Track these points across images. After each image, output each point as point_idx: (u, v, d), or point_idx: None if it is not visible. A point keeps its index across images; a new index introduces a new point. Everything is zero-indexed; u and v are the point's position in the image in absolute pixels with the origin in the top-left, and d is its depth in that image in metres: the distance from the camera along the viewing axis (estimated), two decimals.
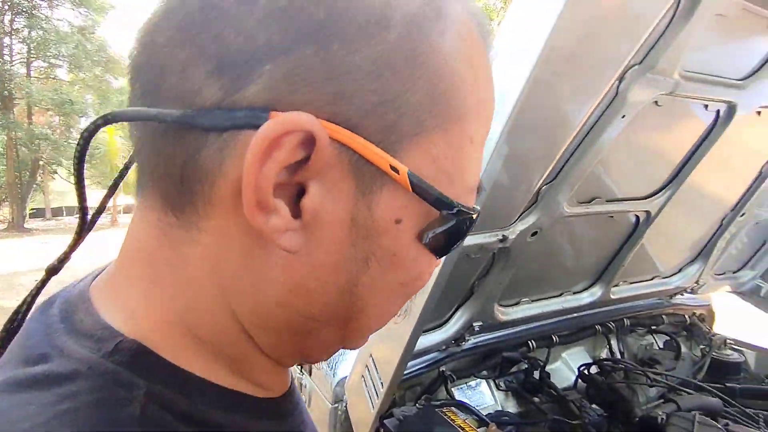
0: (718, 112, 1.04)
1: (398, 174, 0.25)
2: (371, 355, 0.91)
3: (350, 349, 0.34)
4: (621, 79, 0.83)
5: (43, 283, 0.32)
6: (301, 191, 0.25)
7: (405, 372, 1.17)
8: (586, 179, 1.00)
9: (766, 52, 0.97)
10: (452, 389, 1.25)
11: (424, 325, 0.99)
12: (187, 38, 0.24)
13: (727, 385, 1.38)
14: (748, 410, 1.20)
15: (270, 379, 0.31)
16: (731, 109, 1.03)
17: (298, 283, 0.27)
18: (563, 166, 0.94)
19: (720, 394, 1.25)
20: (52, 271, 0.32)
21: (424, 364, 1.19)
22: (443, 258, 0.32)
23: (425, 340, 1.16)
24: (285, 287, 0.26)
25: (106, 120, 0.26)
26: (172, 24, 0.25)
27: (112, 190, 0.35)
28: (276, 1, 0.23)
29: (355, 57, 0.23)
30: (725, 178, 1.31)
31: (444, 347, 1.21)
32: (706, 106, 1.01)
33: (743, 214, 1.42)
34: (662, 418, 1.03)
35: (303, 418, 0.34)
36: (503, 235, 0.96)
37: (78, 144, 0.27)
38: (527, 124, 0.79)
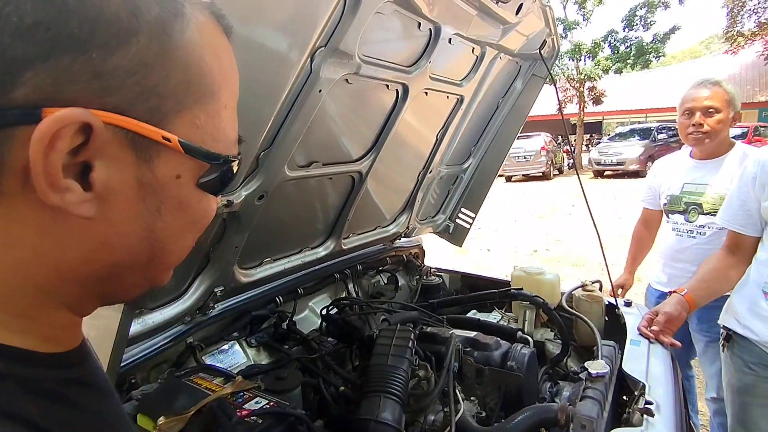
0: (397, 90, 1.33)
1: (170, 142, 0.32)
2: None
3: (157, 286, 0.40)
4: (312, 58, 0.97)
5: None
6: (88, 167, 0.30)
7: (147, 350, 1.13)
8: (303, 145, 1.14)
9: (421, 48, 1.28)
10: (203, 357, 1.27)
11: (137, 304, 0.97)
12: None
13: (430, 301, 1.83)
14: (440, 317, 1.63)
15: (62, 334, 0.36)
16: (406, 89, 1.33)
17: (101, 240, 0.32)
18: (276, 134, 1.05)
19: (422, 309, 1.65)
20: None
21: (167, 340, 1.17)
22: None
23: (164, 314, 1.14)
24: (87, 246, 0.32)
25: None
26: None
27: None
28: (23, 20, 0.27)
29: (114, 59, 0.29)
30: (415, 143, 1.69)
31: (188, 318, 1.22)
32: (387, 86, 1.27)
33: (431, 171, 1.86)
34: (376, 334, 1.30)
35: (94, 367, 0.39)
36: (228, 200, 1.02)
37: None
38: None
